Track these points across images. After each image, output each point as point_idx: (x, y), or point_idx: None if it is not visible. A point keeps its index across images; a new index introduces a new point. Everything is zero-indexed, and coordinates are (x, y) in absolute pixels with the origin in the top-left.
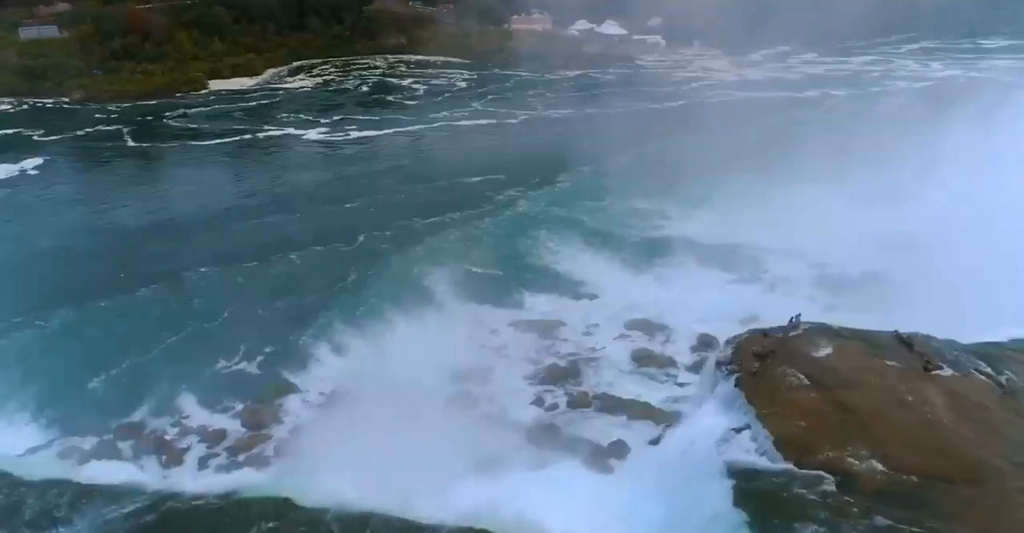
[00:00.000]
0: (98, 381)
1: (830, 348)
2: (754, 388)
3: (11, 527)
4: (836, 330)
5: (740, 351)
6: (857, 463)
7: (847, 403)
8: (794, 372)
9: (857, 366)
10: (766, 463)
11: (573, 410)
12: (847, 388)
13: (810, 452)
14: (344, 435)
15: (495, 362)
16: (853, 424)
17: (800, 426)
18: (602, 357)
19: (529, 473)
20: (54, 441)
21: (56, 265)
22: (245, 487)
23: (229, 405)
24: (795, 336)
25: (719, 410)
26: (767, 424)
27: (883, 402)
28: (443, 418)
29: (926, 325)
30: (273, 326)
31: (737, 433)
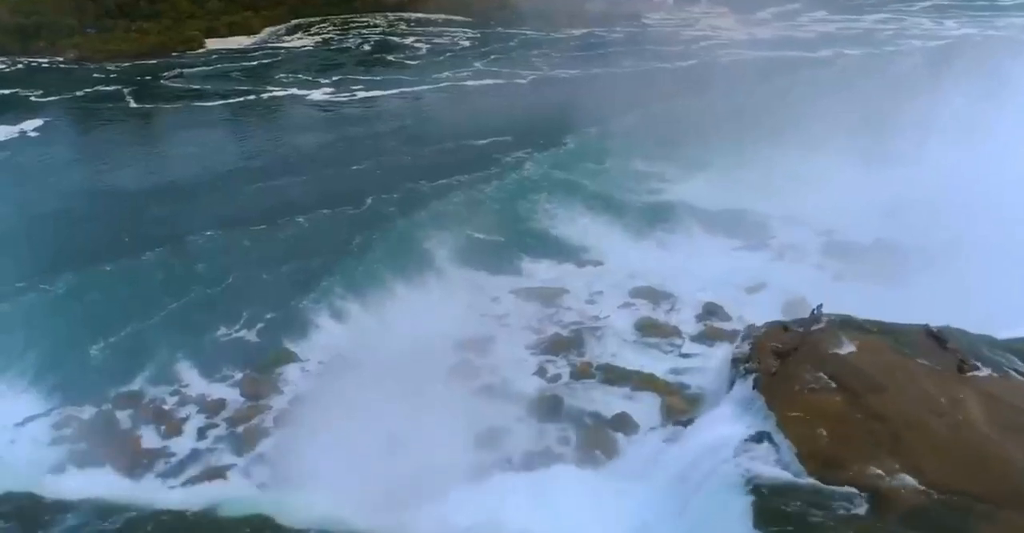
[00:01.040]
0: (98, 348)
1: (855, 345)
2: (774, 390)
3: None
4: (860, 323)
5: (758, 347)
6: (888, 479)
7: (875, 409)
8: (817, 373)
9: (885, 366)
10: (789, 477)
11: (576, 381)
12: (875, 391)
13: (836, 466)
14: (344, 408)
15: (496, 331)
16: (882, 433)
17: (825, 435)
18: (605, 326)
19: (529, 477)
20: (52, 410)
21: (59, 228)
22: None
23: (228, 374)
24: (817, 330)
25: (736, 414)
26: (789, 433)
27: (915, 408)
28: (444, 389)
29: (936, 297)
30: (276, 292)
31: (756, 442)
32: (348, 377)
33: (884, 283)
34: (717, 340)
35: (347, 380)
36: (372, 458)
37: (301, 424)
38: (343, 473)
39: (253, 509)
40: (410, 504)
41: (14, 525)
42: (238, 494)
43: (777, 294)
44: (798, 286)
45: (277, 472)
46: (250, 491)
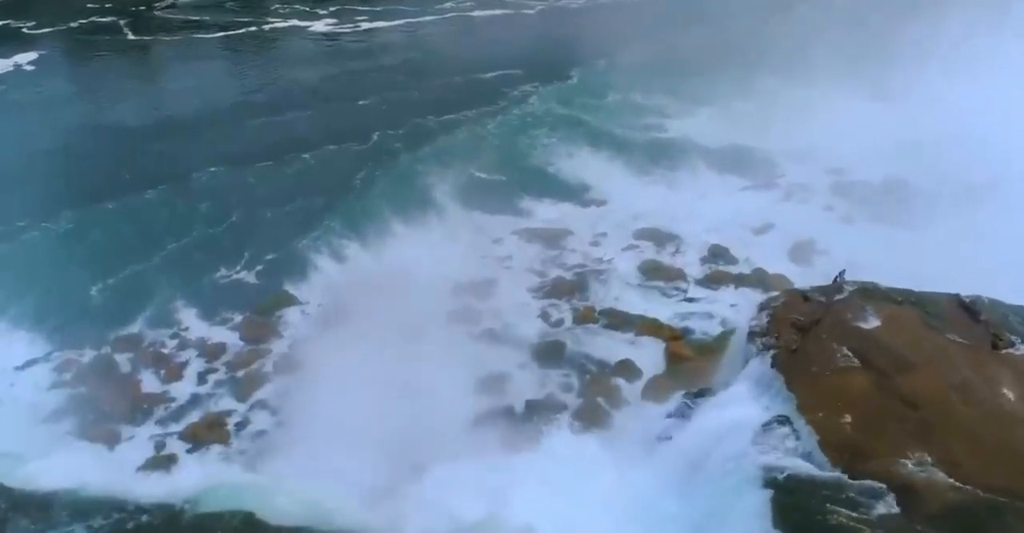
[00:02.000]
0: (97, 289)
1: (880, 317)
2: (794, 369)
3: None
4: (885, 292)
5: (776, 320)
6: (919, 473)
7: (904, 391)
8: (841, 349)
9: (914, 341)
10: (810, 470)
11: (578, 326)
12: (903, 371)
13: (863, 457)
14: (343, 353)
15: (499, 274)
16: (912, 420)
17: (850, 422)
18: (609, 269)
19: (532, 456)
20: (52, 353)
21: (59, 165)
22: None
23: (228, 316)
24: (840, 300)
25: (751, 394)
26: (810, 418)
27: (947, 390)
28: (444, 334)
29: (951, 242)
30: (278, 231)
31: (774, 428)
32: (347, 321)
33: (895, 225)
34: (723, 284)
35: (346, 324)
36: (372, 408)
37: (301, 370)
38: (342, 423)
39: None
40: (409, 464)
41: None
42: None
43: (785, 236)
44: (806, 227)
45: (277, 420)
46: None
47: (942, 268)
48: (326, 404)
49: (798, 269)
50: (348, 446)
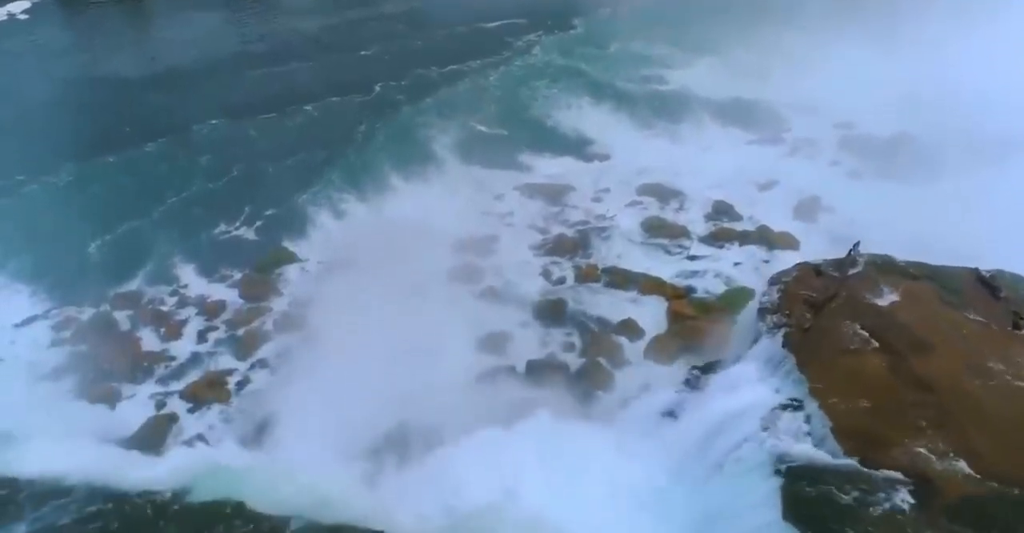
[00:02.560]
0: (96, 245)
1: (897, 293)
2: (807, 350)
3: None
4: (902, 267)
5: (787, 296)
6: (936, 463)
7: (921, 375)
8: (856, 329)
9: (931, 320)
10: (824, 458)
11: (581, 284)
12: (921, 353)
13: (878, 445)
14: (343, 313)
15: (500, 230)
16: (930, 406)
17: (865, 407)
18: (612, 226)
19: (534, 432)
20: (51, 310)
21: (59, 118)
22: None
23: (227, 274)
24: (855, 275)
25: (761, 374)
26: (824, 403)
27: (966, 374)
28: (446, 292)
29: (960, 200)
30: (278, 186)
31: (786, 413)
32: (347, 279)
33: (903, 181)
34: (727, 241)
35: (347, 282)
36: (372, 370)
37: (301, 328)
38: (342, 385)
39: (234, 481)
40: (409, 434)
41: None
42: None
43: (790, 192)
44: (812, 184)
45: (277, 379)
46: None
47: (950, 226)
48: (326, 364)
49: (803, 226)
50: (348, 411)
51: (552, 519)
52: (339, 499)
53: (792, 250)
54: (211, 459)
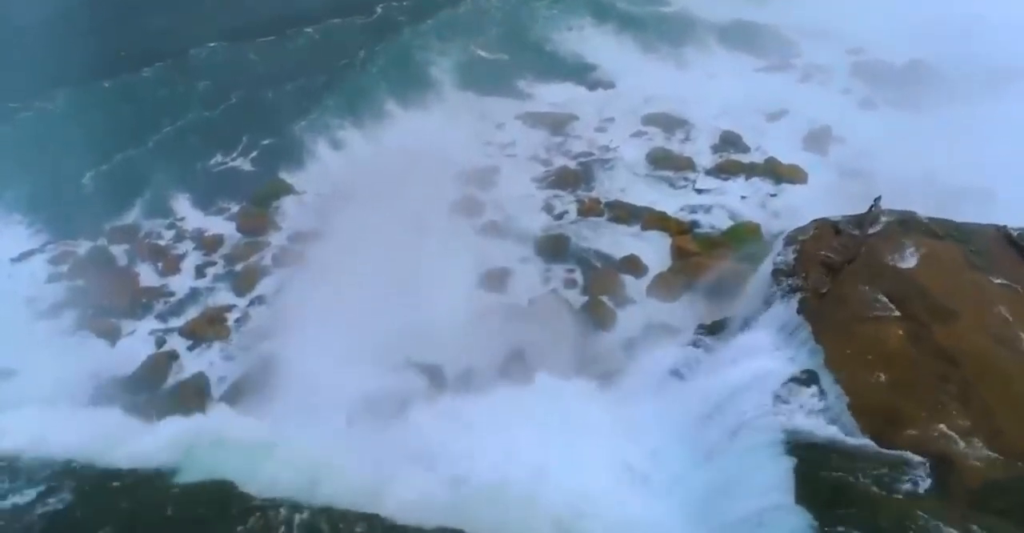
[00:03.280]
0: (91, 176)
1: (919, 254)
2: (823, 317)
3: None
4: (925, 225)
5: (804, 257)
6: (958, 443)
7: (944, 345)
8: (876, 294)
9: (955, 285)
10: (838, 436)
11: (584, 219)
12: (944, 321)
13: (897, 423)
14: (343, 247)
15: (501, 162)
16: (953, 380)
17: (884, 381)
18: (616, 158)
19: (536, 389)
20: (47, 244)
21: (52, 42)
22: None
23: (224, 206)
24: (875, 233)
25: (774, 342)
26: (840, 376)
27: (991, 345)
28: (447, 226)
29: (978, 131)
30: (277, 113)
31: (800, 386)
32: (346, 212)
33: (917, 110)
34: (733, 174)
35: (345, 216)
36: (373, 308)
37: (300, 264)
38: (342, 323)
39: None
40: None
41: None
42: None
43: (800, 122)
44: (823, 113)
45: (276, 316)
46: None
47: (965, 158)
48: (326, 301)
49: (813, 158)
50: (348, 353)
51: (552, 492)
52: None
53: (800, 184)
54: (204, 429)
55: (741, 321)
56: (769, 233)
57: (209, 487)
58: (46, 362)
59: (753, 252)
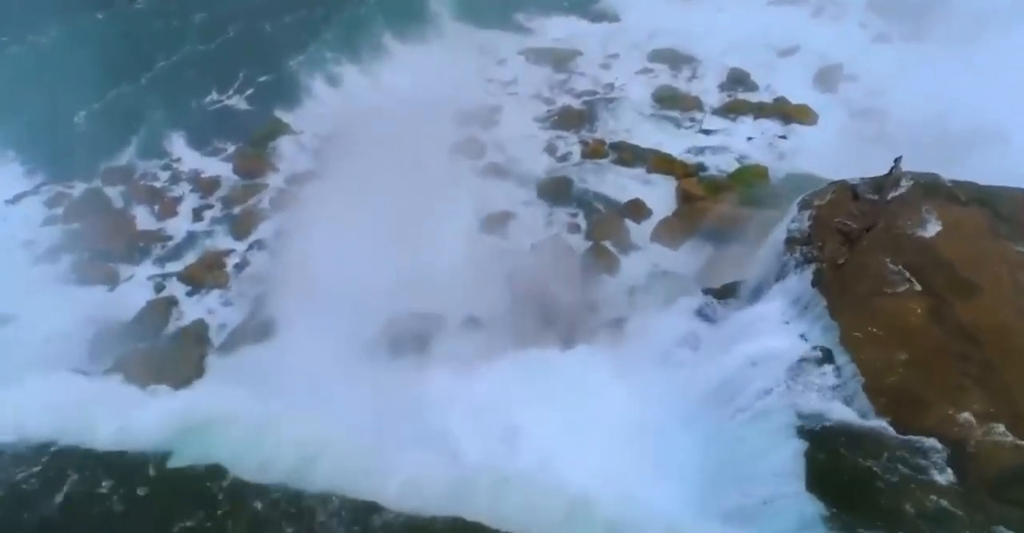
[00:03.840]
0: (84, 114)
1: (941, 222)
2: (840, 290)
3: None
4: (948, 189)
5: (819, 224)
6: (977, 428)
7: (966, 323)
8: (896, 267)
9: (979, 255)
10: (852, 419)
11: (587, 161)
12: (966, 296)
13: (914, 406)
14: (342, 189)
15: (503, 100)
16: (974, 360)
17: (902, 361)
18: (621, 97)
19: (529, 366)
20: (41, 186)
21: None
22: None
23: (220, 147)
24: (896, 198)
25: (787, 315)
26: (857, 355)
27: (1015, 322)
28: (447, 168)
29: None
30: (274, 48)
31: (814, 364)
32: (345, 152)
33: (935, 45)
34: (741, 114)
35: (344, 156)
36: (373, 253)
37: (299, 207)
38: (342, 270)
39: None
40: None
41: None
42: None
43: (811, 58)
44: (836, 49)
45: (275, 262)
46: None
47: (981, 98)
48: (325, 248)
49: (823, 98)
50: (347, 302)
51: (554, 472)
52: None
53: (810, 124)
54: (197, 407)
55: (752, 288)
56: (776, 176)
57: (199, 472)
58: (45, 308)
59: (760, 196)
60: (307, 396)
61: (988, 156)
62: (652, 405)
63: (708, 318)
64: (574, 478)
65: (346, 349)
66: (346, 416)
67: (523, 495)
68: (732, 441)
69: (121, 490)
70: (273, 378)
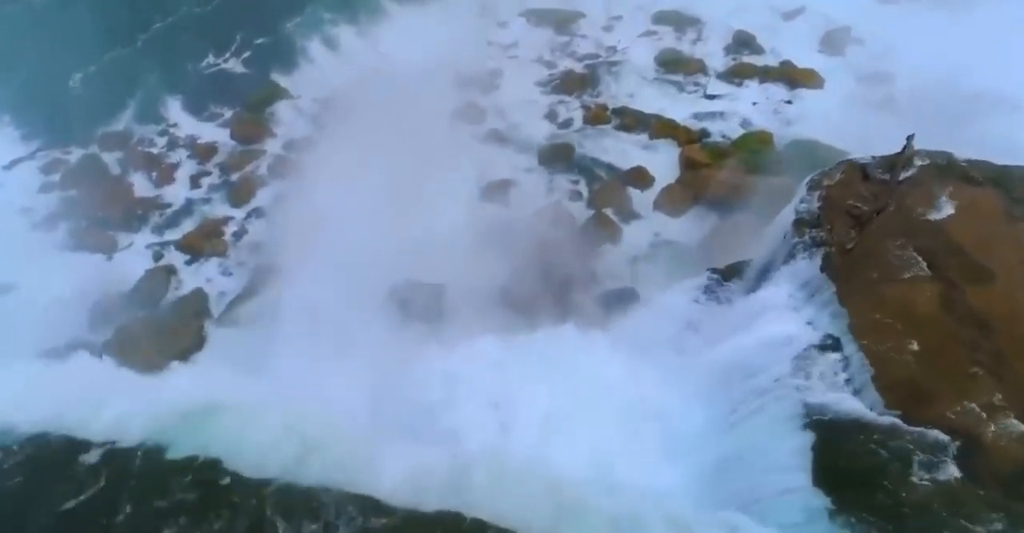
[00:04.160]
0: (79, 78)
1: (954, 204)
2: (849, 276)
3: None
4: (962, 168)
5: (829, 206)
6: (989, 421)
7: (979, 311)
8: (907, 251)
9: (992, 240)
10: (860, 411)
11: (589, 127)
12: (979, 283)
13: (924, 398)
14: (341, 155)
15: (503, 64)
16: (986, 351)
17: (913, 351)
18: (624, 60)
19: (528, 346)
20: (37, 152)
21: None
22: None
23: (217, 111)
24: (908, 180)
25: (794, 301)
26: (865, 345)
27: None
28: (447, 134)
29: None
30: (271, 8)
31: (821, 352)
32: (343, 118)
33: (943, 7)
34: (746, 78)
35: (342, 121)
36: (372, 223)
37: (297, 174)
38: (341, 239)
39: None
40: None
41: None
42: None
43: (817, 21)
44: (842, 11)
45: (274, 230)
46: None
47: (992, 62)
48: (323, 216)
49: (829, 62)
50: (346, 271)
51: (555, 458)
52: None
53: (816, 89)
54: (191, 394)
55: (758, 269)
56: (781, 143)
57: (192, 466)
58: (44, 276)
59: (764, 163)
60: (304, 374)
61: (997, 123)
62: (654, 389)
63: (713, 299)
64: (573, 465)
65: (345, 320)
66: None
67: (521, 486)
68: (736, 431)
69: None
70: (271, 352)
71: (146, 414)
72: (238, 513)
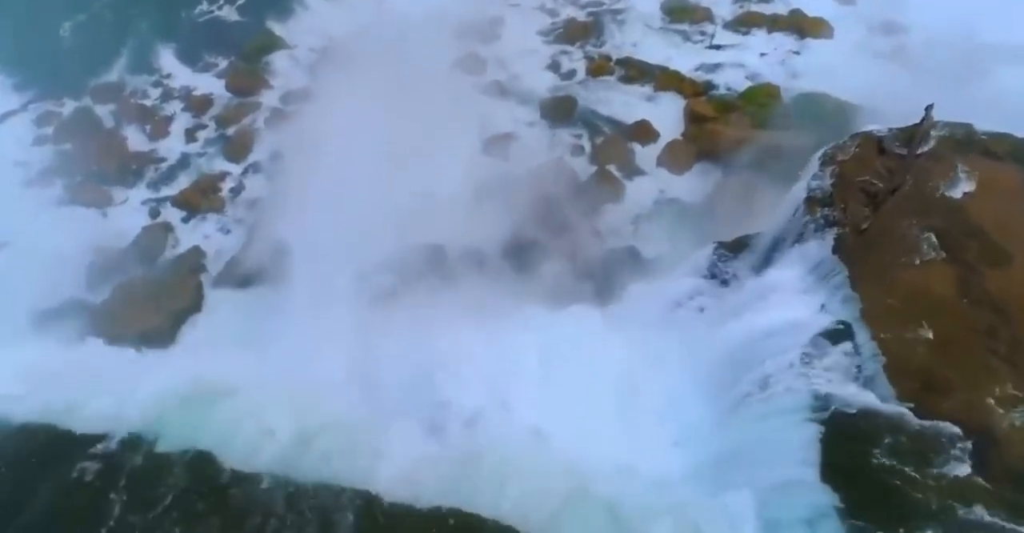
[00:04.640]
0: (69, 27)
1: (974, 181)
2: (862, 259)
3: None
4: (983, 142)
5: (842, 182)
6: (1001, 414)
7: (996, 296)
8: (923, 233)
9: (1012, 220)
10: (871, 402)
11: (592, 78)
12: (997, 266)
13: (937, 389)
14: (340, 107)
15: (505, 12)
16: (1002, 338)
17: (926, 340)
18: (628, 8)
19: (527, 326)
20: (29, 104)
21: None
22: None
23: (212, 62)
24: (925, 154)
25: (805, 284)
26: (878, 333)
27: None
28: (448, 86)
29: None
30: None
31: (831, 340)
32: (342, 68)
33: None
34: (754, 27)
35: (341, 72)
36: (372, 178)
37: (295, 127)
38: (341, 196)
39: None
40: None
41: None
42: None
43: None
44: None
45: (272, 187)
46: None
47: (1015, 11)
48: (322, 171)
49: (840, 10)
50: (345, 230)
51: (555, 448)
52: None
53: (825, 39)
54: (185, 383)
55: (767, 245)
56: (789, 95)
57: (183, 460)
58: (41, 232)
59: (771, 118)
60: (301, 345)
61: (1014, 75)
62: (656, 371)
63: (720, 276)
64: (572, 448)
65: (343, 284)
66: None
67: (520, 475)
68: (741, 421)
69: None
70: (269, 316)
71: (141, 402)
72: (229, 503)
